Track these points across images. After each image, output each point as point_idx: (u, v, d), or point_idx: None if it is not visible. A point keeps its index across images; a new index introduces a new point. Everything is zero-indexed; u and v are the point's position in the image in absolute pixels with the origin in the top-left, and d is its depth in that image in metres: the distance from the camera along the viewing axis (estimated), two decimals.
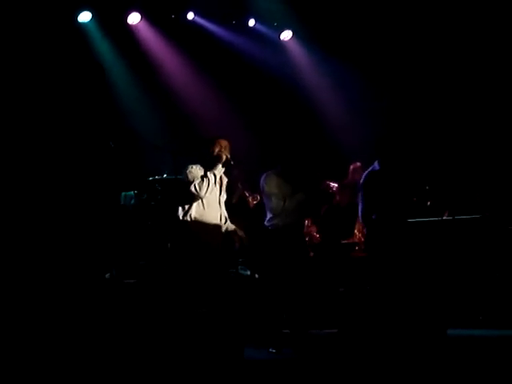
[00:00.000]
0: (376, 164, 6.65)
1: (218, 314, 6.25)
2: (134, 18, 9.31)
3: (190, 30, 9.70)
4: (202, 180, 6.28)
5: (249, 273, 8.03)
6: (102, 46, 9.32)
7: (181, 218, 6.36)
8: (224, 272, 6.63)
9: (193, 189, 6.26)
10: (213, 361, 5.80)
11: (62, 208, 8.00)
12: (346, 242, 8.02)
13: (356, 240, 8.00)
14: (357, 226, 7.98)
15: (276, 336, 6.57)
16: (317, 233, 8.06)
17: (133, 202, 8.71)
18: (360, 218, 6.74)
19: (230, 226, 6.58)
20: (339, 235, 8.03)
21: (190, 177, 6.34)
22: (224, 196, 6.57)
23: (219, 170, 6.37)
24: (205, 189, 6.27)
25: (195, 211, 6.35)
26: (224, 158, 6.36)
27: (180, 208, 6.40)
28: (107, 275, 7.66)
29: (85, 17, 8.89)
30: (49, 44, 8.38)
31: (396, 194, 6.50)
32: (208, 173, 6.32)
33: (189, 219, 6.34)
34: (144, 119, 9.67)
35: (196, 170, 6.36)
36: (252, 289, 7.53)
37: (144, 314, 6.59)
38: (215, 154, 6.41)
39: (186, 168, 6.42)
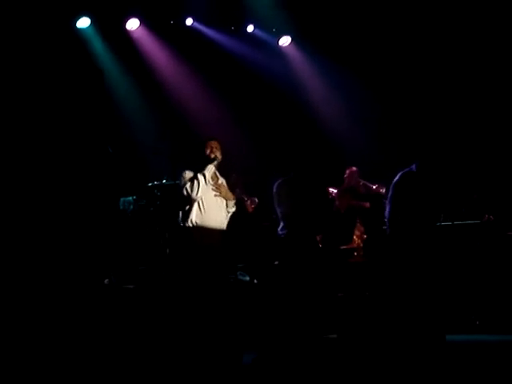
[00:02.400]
0: (413, 166, 6.62)
1: (217, 319, 6.25)
2: (132, 24, 9.33)
3: (189, 36, 9.72)
4: (192, 182, 6.38)
5: (248, 278, 8.03)
6: (101, 52, 9.33)
7: (181, 224, 6.41)
8: (223, 277, 6.63)
9: (184, 192, 6.40)
10: (212, 366, 5.79)
11: (60, 213, 7.98)
12: (345, 247, 8.02)
13: (355, 246, 8.01)
14: (356, 232, 7.99)
15: (275, 342, 6.57)
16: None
17: (132, 207, 8.72)
18: (386, 217, 6.64)
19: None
20: (338, 241, 8.03)
21: (182, 182, 6.48)
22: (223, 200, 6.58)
23: (209, 169, 6.45)
24: (196, 189, 6.37)
25: (195, 216, 6.40)
26: (212, 156, 6.47)
27: (180, 214, 6.46)
28: (106, 281, 7.65)
29: (83, 22, 8.92)
30: (48, 49, 8.38)
31: (429, 199, 6.46)
32: (198, 174, 6.43)
33: (190, 225, 6.39)
34: (143, 124, 9.68)
35: (188, 174, 6.49)
36: (251, 294, 7.52)
37: (143, 319, 6.59)
38: (205, 155, 6.52)
39: (181, 174, 6.55)
